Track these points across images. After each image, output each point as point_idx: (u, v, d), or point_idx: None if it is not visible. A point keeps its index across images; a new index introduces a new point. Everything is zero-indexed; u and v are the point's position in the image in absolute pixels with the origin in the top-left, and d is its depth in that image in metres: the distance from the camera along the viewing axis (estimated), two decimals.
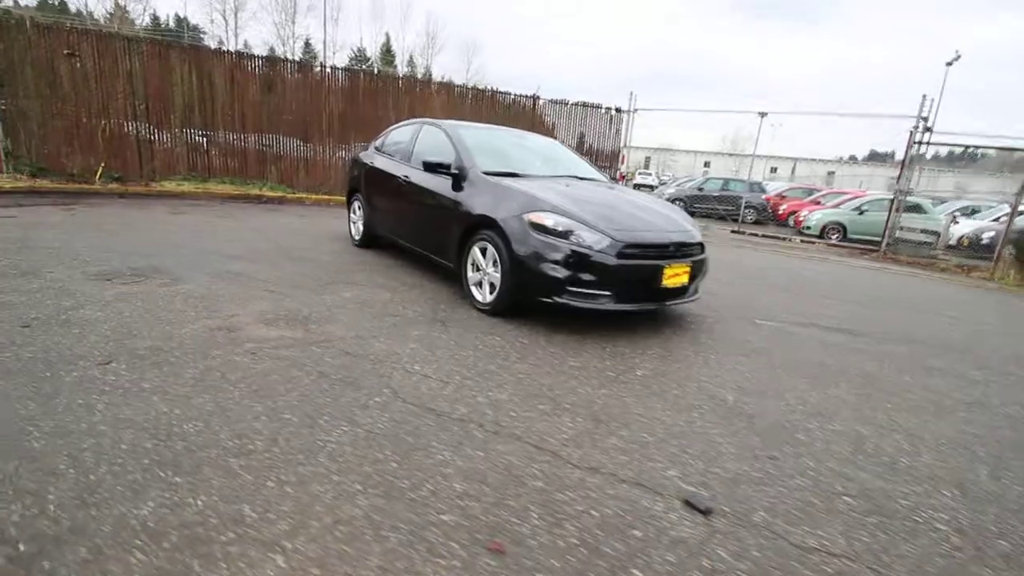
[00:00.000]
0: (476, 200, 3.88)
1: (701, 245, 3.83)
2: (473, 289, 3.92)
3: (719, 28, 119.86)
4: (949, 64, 28.45)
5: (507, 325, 3.57)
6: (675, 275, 3.54)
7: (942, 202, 16.33)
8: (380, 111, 11.52)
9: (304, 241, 6.02)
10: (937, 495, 2.02)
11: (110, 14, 31.02)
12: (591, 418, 2.35)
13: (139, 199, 8.38)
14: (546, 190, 3.75)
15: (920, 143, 10.57)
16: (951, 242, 12.04)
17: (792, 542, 1.66)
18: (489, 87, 12.50)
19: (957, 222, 12.18)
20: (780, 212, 17.68)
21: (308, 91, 10.83)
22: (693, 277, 3.74)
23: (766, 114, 12.00)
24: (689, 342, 3.57)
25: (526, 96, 12.72)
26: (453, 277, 4.72)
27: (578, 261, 3.30)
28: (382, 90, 11.49)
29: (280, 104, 10.64)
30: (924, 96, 10.25)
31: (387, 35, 45.91)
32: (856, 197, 15.61)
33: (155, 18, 35.69)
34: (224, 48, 10.37)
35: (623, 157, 13.54)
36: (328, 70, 11.43)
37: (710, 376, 2.99)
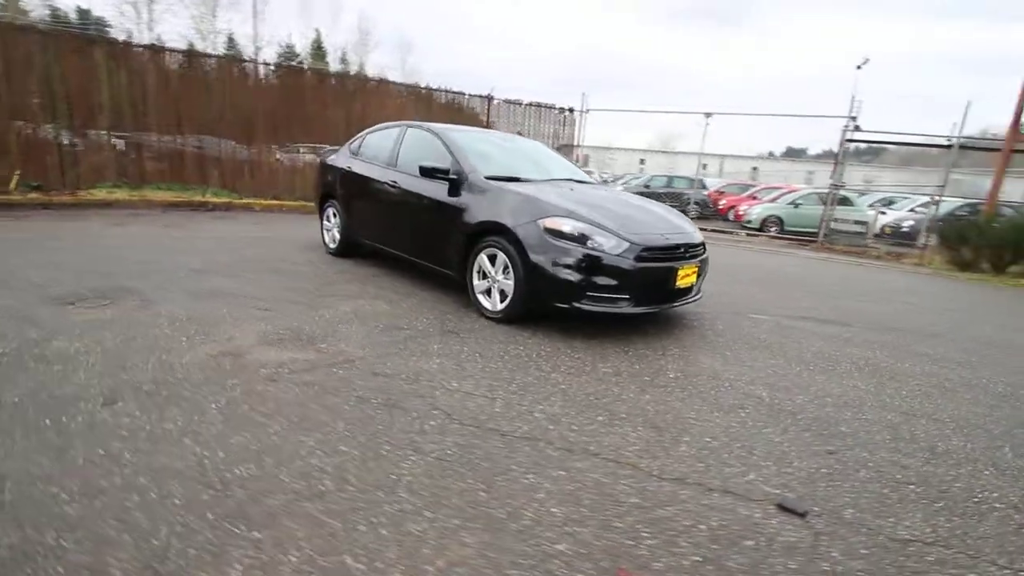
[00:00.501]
0: (480, 206, 3.77)
1: (703, 245, 3.92)
2: (480, 297, 3.80)
3: (644, 30, 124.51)
4: (859, 68, 30.98)
5: (522, 333, 3.50)
6: (686, 275, 3.60)
7: (861, 195, 17.76)
8: (330, 111, 11.05)
9: (273, 251, 5.64)
10: (980, 476, 2.16)
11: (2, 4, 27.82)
12: (650, 426, 2.33)
13: (68, 210, 7.55)
14: (554, 195, 3.70)
15: (851, 140, 11.44)
16: (875, 231, 13.12)
17: (889, 536, 1.71)
18: (442, 87, 12.28)
19: (884, 213, 13.27)
20: (720, 207, 18.57)
21: (252, 90, 10.19)
22: (699, 276, 3.83)
23: (711, 115, 12.55)
24: (700, 340, 3.65)
25: (480, 96, 12.61)
26: (447, 285, 4.58)
27: (598, 266, 3.28)
28: (334, 89, 11.00)
29: (222, 104, 9.93)
30: (853, 97, 11.09)
31: (317, 31, 44.05)
32: (789, 191, 16.65)
33: (54, 10, 32.32)
34: (162, 44, 9.52)
35: (579, 157, 13.73)
36: (273, 68, 10.82)
37: (736, 374, 3.05)
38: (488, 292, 3.77)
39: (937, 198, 10.56)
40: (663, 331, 3.78)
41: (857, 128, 11.34)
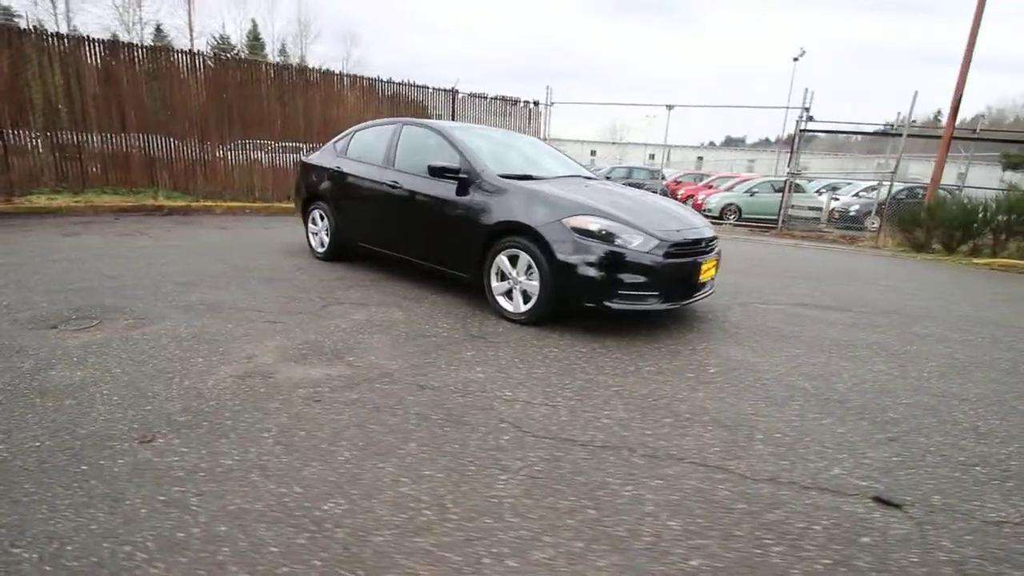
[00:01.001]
0: (498, 205, 3.65)
1: (716, 238, 3.96)
2: (500, 300, 3.70)
3: (589, 22, 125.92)
4: (796, 59, 32.59)
5: (550, 335, 3.43)
6: (708, 269, 3.63)
7: (808, 181, 18.68)
8: (288, 106, 10.53)
9: (255, 258, 5.31)
10: None
11: None
12: (718, 425, 2.32)
13: (5, 219, 6.83)
14: (575, 193, 3.64)
15: (805, 131, 11.97)
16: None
17: (982, 520, 1.77)
18: (406, 80, 11.93)
19: (837, 199, 14.01)
20: (679, 197, 19.09)
21: (204, 85, 9.54)
22: (716, 270, 3.87)
23: (673, 107, 12.82)
24: (722, 332, 3.69)
25: (444, 90, 12.35)
26: (454, 287, 4.45)
27: (627, 264, 3.25)
28: (292, 84, 10.47)
29: (170, 100, 9.25)
30: (806, 90, 11.60)
31: (253, 21, 41.96)
32: (743, 180, 17.30)
33: None
34: (94, 36, 8.69)
35: None
36: (226, 60, 10.18)
37: (771, 365, 3.10)
38: (508, 294, 3.67)
39: (886, 183, 11.24)
40: (682, 324, 3.80)
41: (811, 119, 11.88)
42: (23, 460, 1.80)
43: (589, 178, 4.50)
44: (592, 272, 3.27)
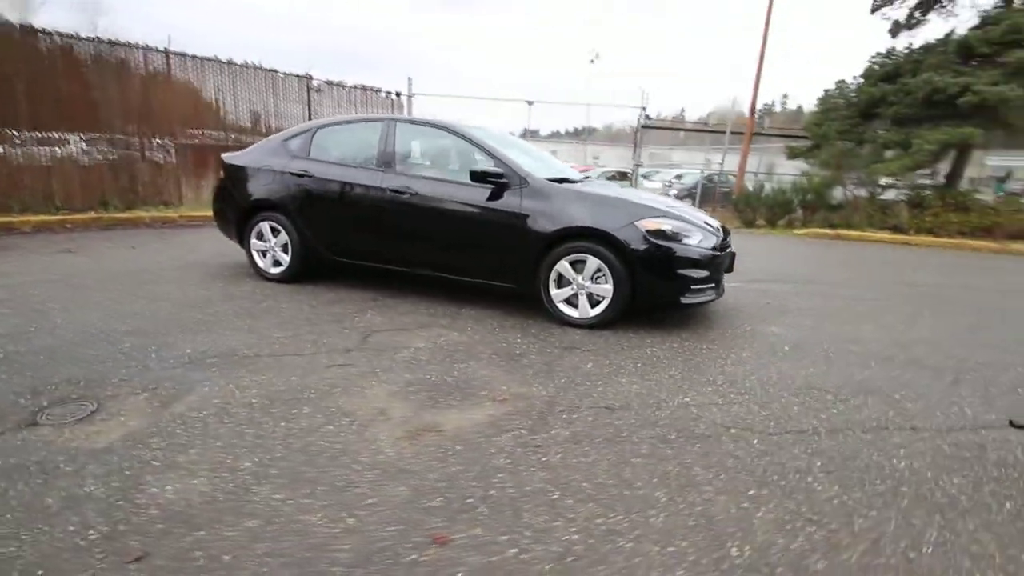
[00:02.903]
0: (556, 210, 3.53)
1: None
2: (562, 307, 3.60)
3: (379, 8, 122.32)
4: (592, 62, 36.49)
5: (628, 335, 3.47)
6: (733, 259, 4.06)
7: (656, 171, 21.23)
8: (96, 92, 8.26)
9: (188, 288, 4.18)
10: None
11: None
12: (867, 392, 2.68)
13: None
14: (632, 195, 3.74)
15: (645, 126, 13.68)
16: None
17: None
18: (248, 62, 10.24)
19: (671, 185, 16.28)
20: None
21: None
22: None
23: (532, 103, 13.44)
24: (744, 313, 4.14)
25: (297, 76, 10.97)
26: (470, 297, 4.15)
27: (695, 261, 3.45)
28: (100, 63, 8.20)
29: None
30: (642, 90, 13.23)
31: None
32: (583, 171, 18.98)
33: None
34: None
35: None
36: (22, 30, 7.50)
37: (821, 337, 3.60)
38: (571, 300, 3.60)
39: (691, 172, 13.55)
40: (702, 312, 4.16)
41: (648, 116, 13.62)
42: None
43: (587, 178, 4.59)
44: (668, 271, 3.41)
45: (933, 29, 24.89)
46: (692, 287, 3.48)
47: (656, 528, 1.63)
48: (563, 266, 3.54)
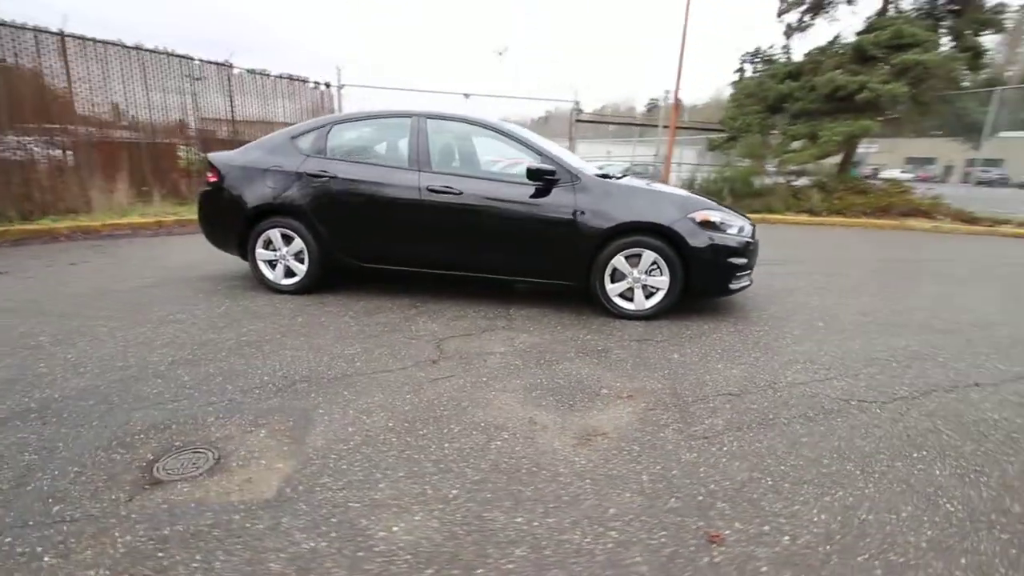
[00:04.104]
0: (612, 206, 3.58)
1: None
2: (618, 300, 3.68)
3: None
4: (500, 55, 36.56)
5: (676, 325, 3.63)
6: None
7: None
8: None
9: (197, 309, 3.69)
10: None
11: None
12: (898, 361, 3.06)
13: None
14: (671, 189, 3.85)
15: (578, 120, 14.07)
16: None
17: None
18: (159, 47, 9.08)
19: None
20: None
21: None
22: None
23: (470, 95, 13.27)
24: (756, 298, 4.49)
25: (216, 63, 9.92)
26: (501, 297, 4.11)
27: (739, 249, 3.68)
28: None
29: None
30: (575, 85, 13.59)
31: None
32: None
33: None
34: None
35: None
36: None
37: (836, 312, 4.00)
38: (626, 293, 3.68)
39: (616, 163, 14.26)
40: (710, 301, 4.44)
41: (580, 111, 14.03)
42: None
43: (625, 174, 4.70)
44: (720, 260, 3.61)
45: (820, 32, 28.50)
46: (737, 274, 3.72)
47: (875, 498, 1.77)
48: (619, 260, 3.61)
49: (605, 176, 3.88)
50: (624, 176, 4.49)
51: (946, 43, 11.15)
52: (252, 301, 3.87)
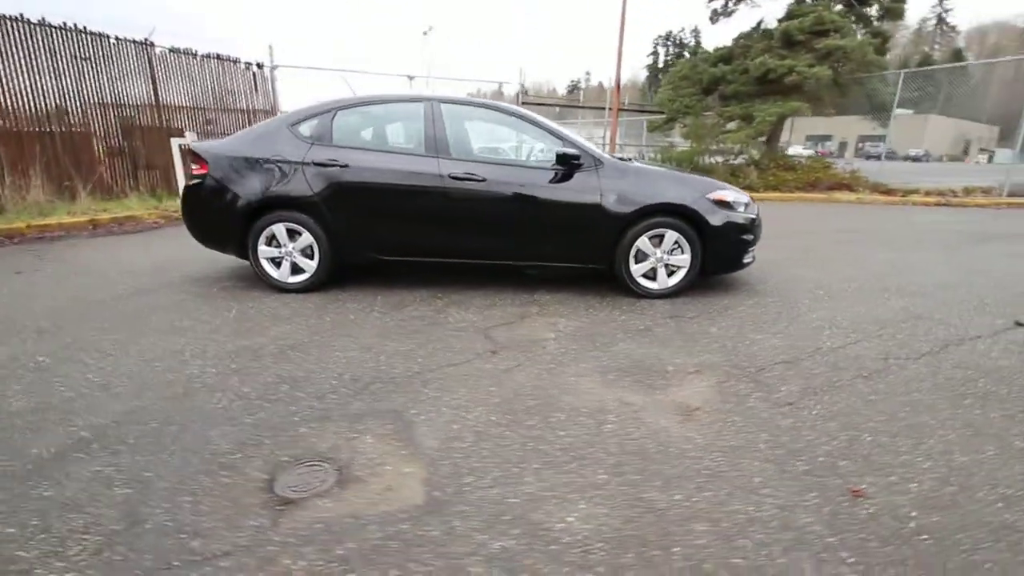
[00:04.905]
0: (635, 189, 3.66)
1: None
2: (642, 280, 3.80)
3: None
4: (425, 34, 35.56)
5: (697, 301, 3.82)
6: None
7: None
8: None
9: (201, 315, 3.38)
10: None
11: None
12: (905, 322, 3.42)
13: None
14: (680, 171, 3.98)
15: (523, 104, 14.06)
16: None
17: None
18: (68, 23, 7.99)
19: None
20: None
21: None
22: None
23: (414, 77, 12.86)
24: (761, 272, 4.78)
25: (134, 41, 8.91)
26: (534, 282, 4.15)
27: (747, 226, 3.89)
28: None
29: None
30: (521, 70, 13.57)
31: None
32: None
33: None
34: None
35: None
36: None
37: (828, 280, 4.36)
38: (649, 273, 3.80)
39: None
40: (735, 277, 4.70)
41: (526, 92, 14.02)
42: None
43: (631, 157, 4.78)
44: (734, 237, 3.81)
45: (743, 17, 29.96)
46: (747, 250, 3.95)
47: (959, 442, 2.00)
48: (643, 241, 3.72)
49: (622, 160, 3.96)
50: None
51: (855, 29, 12.24)
52: (261, 302, 3.60)
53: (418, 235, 3.74)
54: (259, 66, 11.07)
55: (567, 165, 3.59)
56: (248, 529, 1.53)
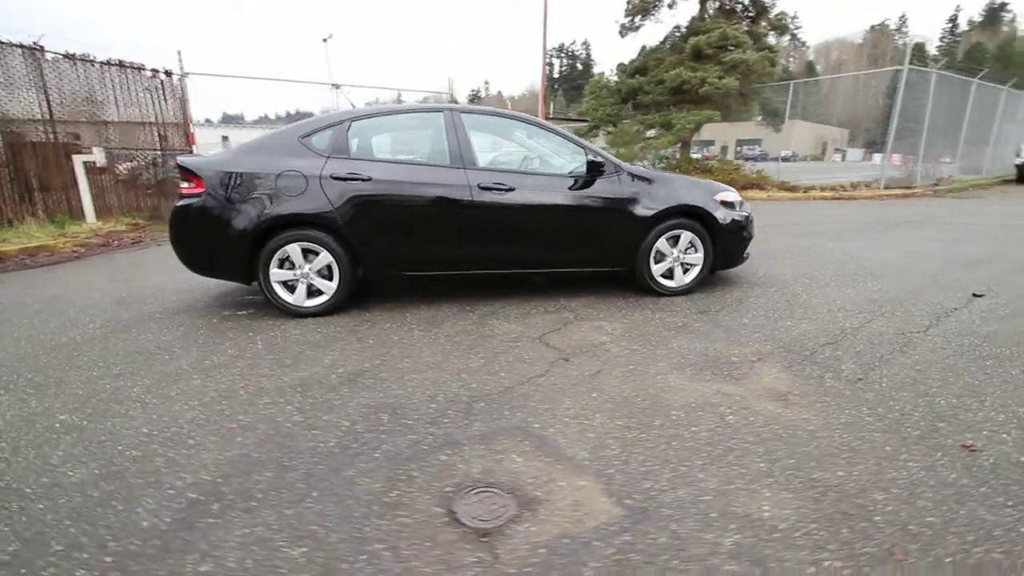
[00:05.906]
0: (655, 193, 3.83)
1: None
2: (661, 279, 3.99)
3: None
4: (325, 40, 34.05)
5: (713, 296, 4.09)
6: None
7: None
8: None
9: (224, 344, 3.03)
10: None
11: None
12: (905, 299, 3.92)
13: None
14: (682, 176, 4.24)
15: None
16: None
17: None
18: None
19: None
20: None
21: None
22: None
23: (339, 86, 12.32)
24: (742, 267, 5.18)
25: (21, 45, 7.72)
26: (556, 286, 4.19)
27: (747, 225, 4.24)
28: None
29: None
30: (450, 80, 13.58)
31: None
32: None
33: None
34: None
35: (192, 136, 10.63)
36: None
37: (813, 266, 4.86)
38: (667, 272, 4.00)
39: None
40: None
41: (455, 101, 13.99)
42: None
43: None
44: (738, 235, 4.12)
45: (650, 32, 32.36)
46: (746, 246, 4.29)
47: (1016, 396, 2.34)
48: (661, 243, 3.91)
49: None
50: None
51: (750, 44, 13.67)
52: (282, 331, 3.30)
53: (447, 248, 3.63)
54: (167, 73, 10.03)
55: (593, 172, 3.68)
56: (473, 567, 1.43)
